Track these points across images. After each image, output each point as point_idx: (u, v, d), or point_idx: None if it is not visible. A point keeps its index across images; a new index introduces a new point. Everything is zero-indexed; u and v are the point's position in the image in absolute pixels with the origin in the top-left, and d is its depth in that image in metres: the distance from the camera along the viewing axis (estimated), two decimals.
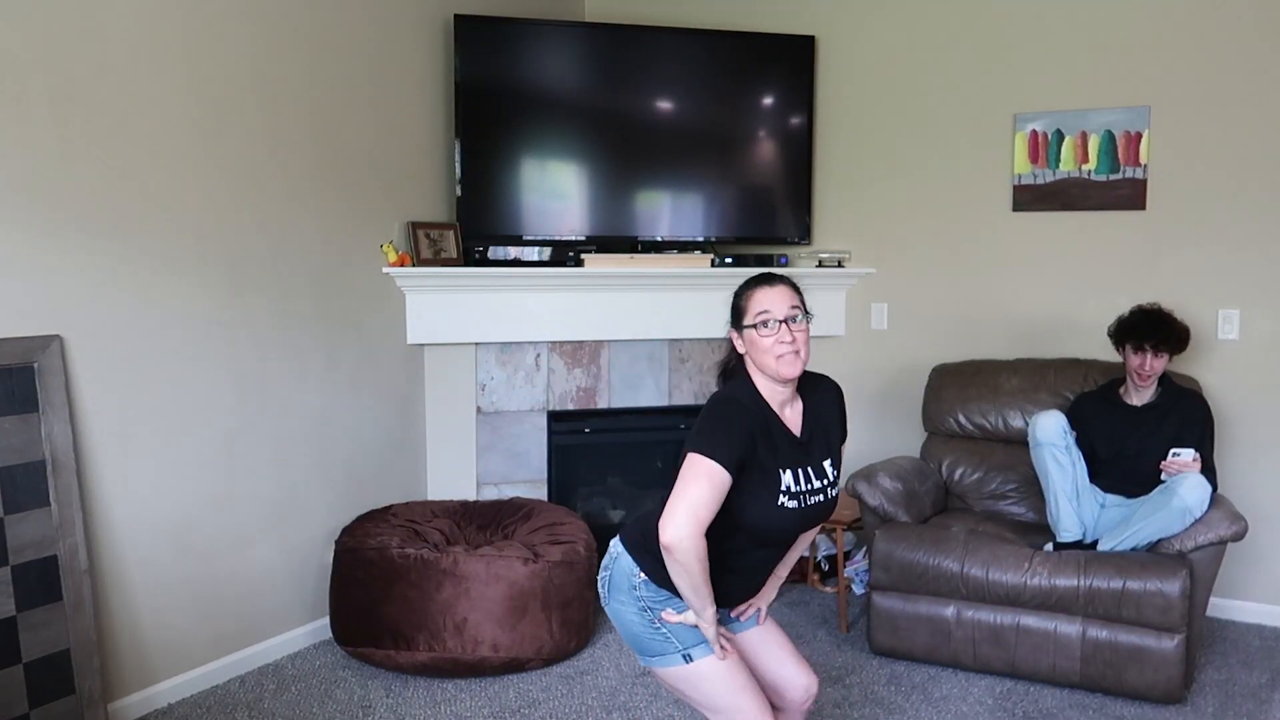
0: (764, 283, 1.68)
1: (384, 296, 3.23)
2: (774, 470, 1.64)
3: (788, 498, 1.64)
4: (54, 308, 2.34)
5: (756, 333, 1.65)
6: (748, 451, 1.60)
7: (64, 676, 2.32)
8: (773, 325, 1.63)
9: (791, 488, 1.65)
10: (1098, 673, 2.65)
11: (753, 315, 1.66)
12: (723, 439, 1.59)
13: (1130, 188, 3.35)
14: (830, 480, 1.71)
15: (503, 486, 3.49)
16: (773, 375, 1.66)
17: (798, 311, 1.65)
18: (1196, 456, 2.74)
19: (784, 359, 1.63)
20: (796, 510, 1.65)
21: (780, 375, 1.65)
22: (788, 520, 1.66)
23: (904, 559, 2.82)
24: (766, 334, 1.64)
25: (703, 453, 1.57)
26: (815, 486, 1.68)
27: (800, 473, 1.67)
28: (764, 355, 1.64)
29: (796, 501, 1.65)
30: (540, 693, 2.71)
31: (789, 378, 1.65)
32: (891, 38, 3.69)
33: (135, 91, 2.47)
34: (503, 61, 3.42)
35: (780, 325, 1.63)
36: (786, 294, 1.66)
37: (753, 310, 1.66)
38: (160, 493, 2.59)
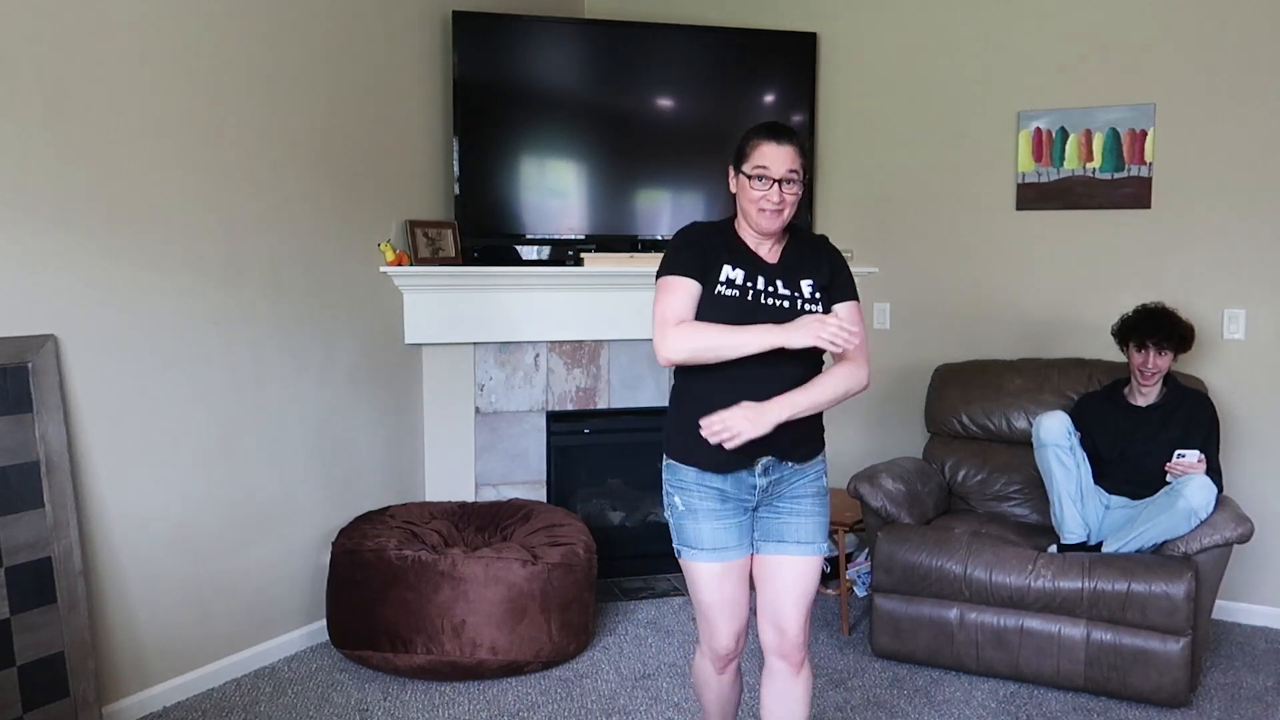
0: (771, 137, 1.71)
1: (381, 296, 3.22)
2: (718, 266, 1.73)
3: (726, 287, 1.70)
4: (48, 307, 2.32)
5: (749, 182, 1.71)
6: (697, 254, 1.72)
7: (58, 679, 2.31)
8: (766, 181, 1.69)
9: (735, 280, 1.72)
10: (1102, 676, 2.64)
11: (751, 165, 1.71)
12: (671, 255, 1.75)
13: (1135, 186, 3.33)
14: (806, 296, 1.73)
15: (501, 488, 3.48)
16: (752, 225, 1.74)
17: (794, 176, 1.70)
18: (1201, 458, 2.72)
19: (765, 214, 1.71)
20: (736, 300, 1.69)
21: (758, 227, 1.73)
22: (729, 309, 1.69)
23: (906, 561, 2.81)
24: (758, 188, 1.70)
25: (659, 274, 1.74)
26: (779, 292, 1.72)
27: (757, 277, 1.72)
28: (749, 205, 1.72)
29: (737, 292, 1.70)
30: (539, 696, 2.69)
31: (767, 231, 1.73)
32: (894, 34, 3.67)
33: (130, 89, 2.45)
34: (502, 59, 3.41)
35: (773, 184, 1.69)
36: (789, 155, 1.70)
37: (753, 160, 1.71)
38: (156, 494, 2.57)
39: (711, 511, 1.76)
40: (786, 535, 1.78)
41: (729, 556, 1.78)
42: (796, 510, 1.78)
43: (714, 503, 1.76)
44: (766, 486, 1.77)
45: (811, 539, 1.79)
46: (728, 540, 1.77)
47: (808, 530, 1.79)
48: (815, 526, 1.80)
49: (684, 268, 1.72)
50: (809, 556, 1.80)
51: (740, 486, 1.76)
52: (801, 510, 1.78)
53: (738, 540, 1.78)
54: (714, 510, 1.76)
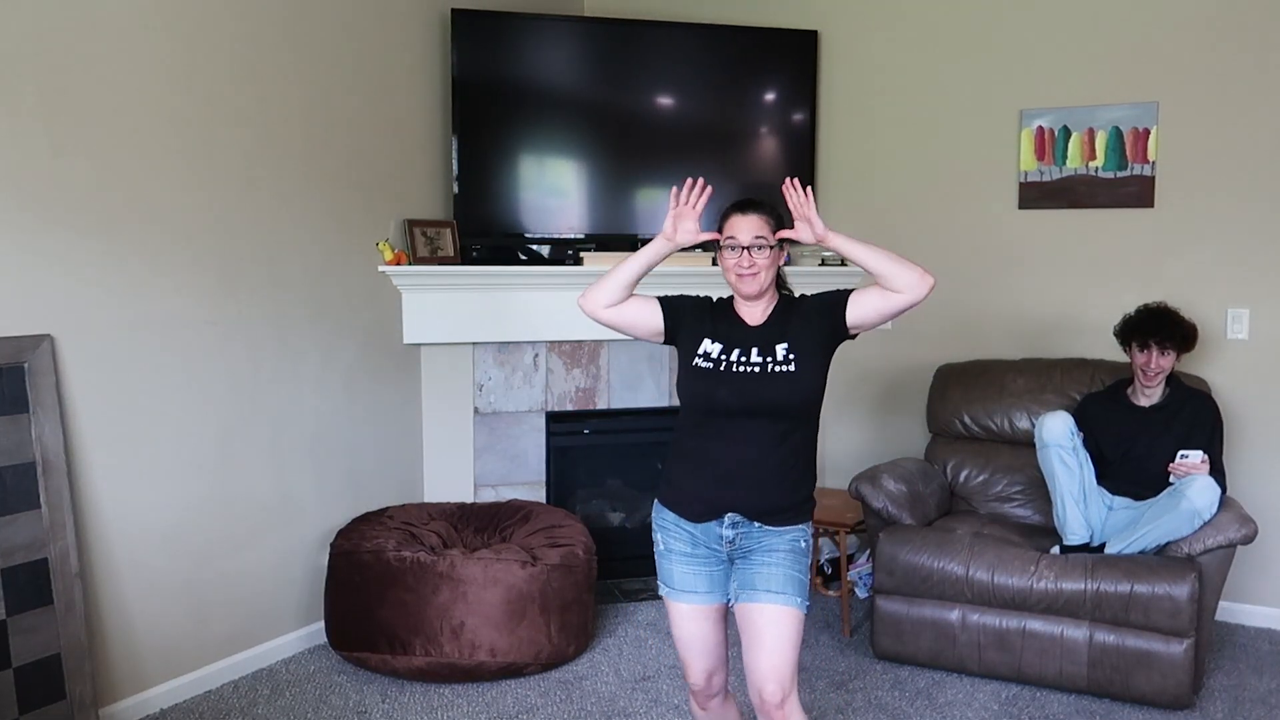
0: (738, 210, 1.88)
1: (380, 295, 3.21)
2: (699, 337, 1.89)
3: (703, 359, 1.86)
4: (44, 307, 2.31)
5: (722, 253, 1.88)
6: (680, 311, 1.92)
7: (55, 681, 2.30)
8: (736, 250, 1.85)
9: (711, 353, 1.86)
10: (1105, 678, 2.63)
11: (724, 236, 1.88)
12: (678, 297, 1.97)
13: (1138, 185, 3.31)
14: (778, 359, 1.83)
15: (500, 488, 3.46)
16: (734, 290, 1.91)
17: (762, 241, 1.84)
18: (1205, 458, 2.71)
19: (742, 279, 1.86)
20: (710, 370, 1.84)
21: (739, 291, 1.89)
22: (703, 378, 1.84)
23: (908, 562, 2.80)
24: (730, 256, 1.86)
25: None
26: (752, 360, 1.83)
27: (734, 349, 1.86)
28: (728, 273, 1.89)
29: (712, 364, 1.84)
30: (538, 698, 2.68)
31: (746, 295, 1.88)
32: (895, 32, 3.66)
33: (126, 88, 2.44)
34: (500, 57, 3.40)
35: (742, 251, 1.84)
36: (755, 223, 1.85)
37: (725, 231, 1.88)
38: (153, 494, 2.56)
39: (683, 555, 1.88)
40: (758, 584, 1.82)
41: (696, 600, 1.88)
42: (768, 561, 1.82)
43: (685, 546, 1.88)
44: (734, 539, 1.84)
45: (782, 588, 1.80)
46: (696, 585, 1.87)
47: (778, 579, 1.81)
48: (785, 577, 1.81)
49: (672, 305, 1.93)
50: (779, 606, 1.79)
51: (709, 535, 1.86)
52: (773, 561, 1.82)
53: (708, 587, 1.88)
54: (685, 554, 1.88)
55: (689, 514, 1.86)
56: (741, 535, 1.84)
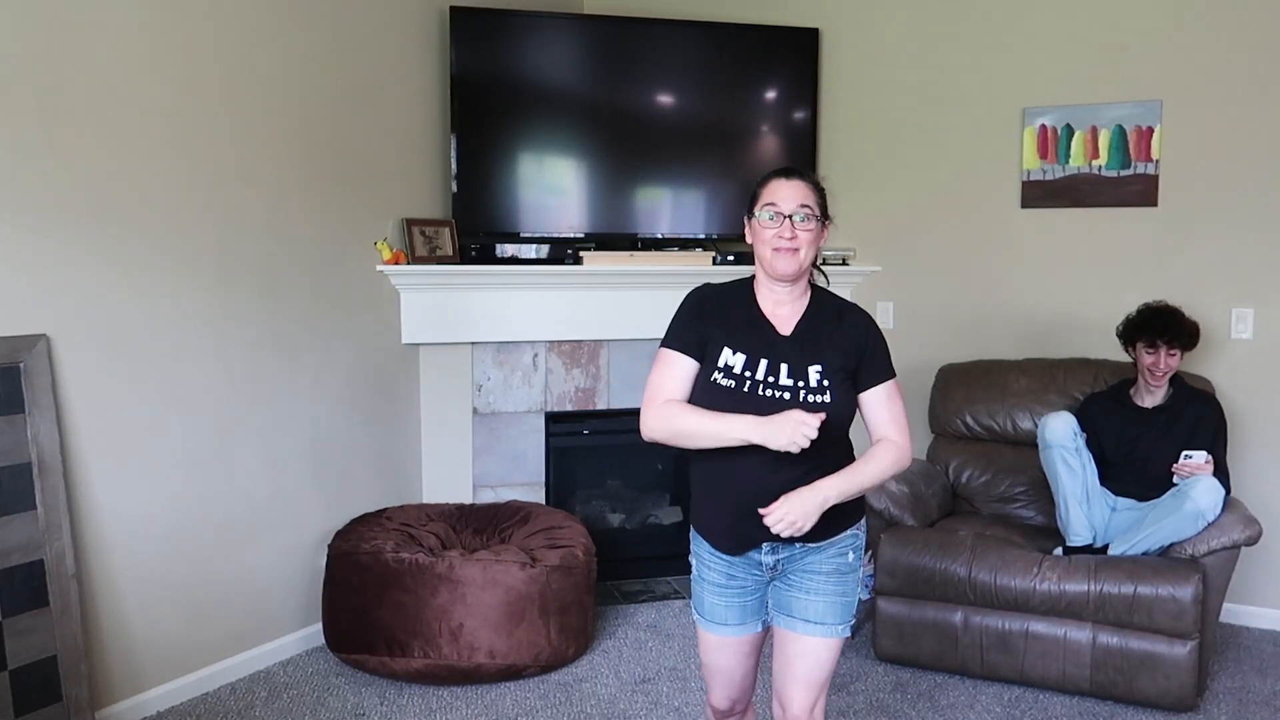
0: (782, 174, 1.65)
1: (378, 295, 3.19)
2: (717, 348, 1.64)
3: (723, 375, 1.61)
4: (41, 306, 2.30)
5: (759, 222, 1.63)
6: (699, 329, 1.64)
7: (51, 684, 2.29)
8: (776, 218, 1.61)
9: (733, 369, 1.62)
10: (1108, 680, 2.62)
11: (761, 203, 1.64)
12: (674, 325, 1.68)
13: (1141, 184, 3.30)
14: (811, 384, 1.60)
15: (500, 489, 3.45)
16: (767, 268, 1.63)
17: (807, 210, 1.61)
18: (1209, 459, 2.70)
19: (780, 254, 1.61)
20: (732, 392, 1.60)
21: (774, 270, 1.62)
22: (724, 401, 1.60)
23: (910, 563, 2.79)
24: (768, 225, 1.62)
25: (661, 342, 1.68)
26: (780, 383, 1.60)
27: (760, 361, 1.62)
28: (762, 246, 1.63)
29: (734, 383, 1.60)
30: (538, 700, 2.67)
31: (781, 274, 1.62)
32: (897, 30, 3.64)
33: (124, 86, 2.43)
34: (499, 55, 3.38)
35: (784, 220, 1.61)
36: (801, 190, 1.63)
37: (762, 199, 1.65)
38: (149, 495, 2.55)
39: (716, 586, 1.74)
40: (795, 611, 1.69)
41: (727, 633, 1.75)
42: (807, 586, 1.69)
43: (720, 577, 1.73)
44: (775, 564, 1.70)
45: (820, 619, 1.67)
46: (727, 617, 1.74)
47: (816, 609, 1.67)
48: (826, 606, 1.67)
49: (683, 343, 1.66)
50: (815, 637, 1.67)
51: (749, 564, 1.71)
52: (812, 587, 1.68)
53: (739, 619, 1.74)
54: (718, 585, 1.74)
55: (724, 547, 1.70)
56: (784, 560, 1.69)
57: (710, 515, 1.71)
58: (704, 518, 1.73)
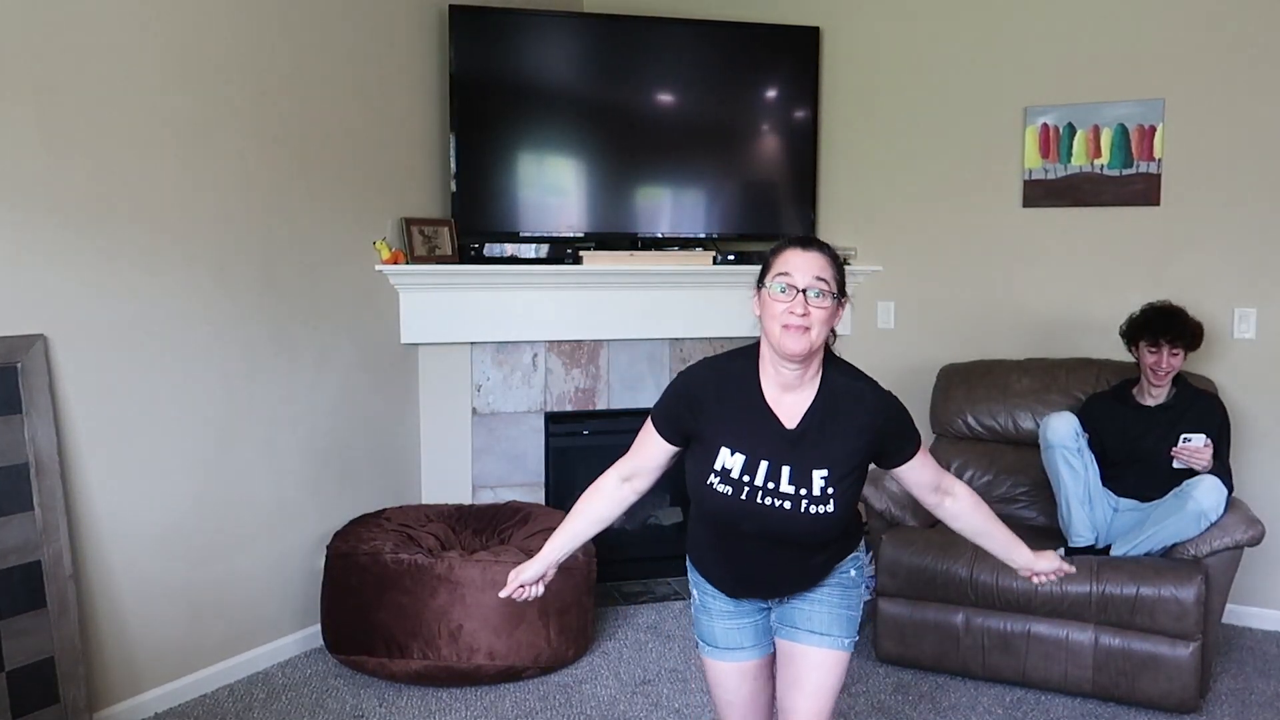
0: (798, 244, 1.52)
1: (377, 295, 3.18)
2: (713, 446, 1.53)
3: (720, 480, 1.52)
4: (38, 307, 2.29)
5: (769, 293, 1.50)
6: (688, 422, 1.55)
7: (48, 685, 2.28)
8: (788, 290, 1.47)
9: (731, 472, 1.52)
10: (1110, 681, 2.61)
11: (773, 274, 1.51)
12: (664, 403, 1.61)
13: (1144, 183, 3.29)
14: (814, 493, 1.50)
15: (499, 490, 3.44)
16: (775, 346, 1.50)
17: (823, 285, 1.48)
18: (1208, 442, 2.69)
19: (789, 332, 1.46)
20: (729, 499, 1.51)
21: (781, 349, 1.48)
22: (721, 506, 1.53)
23: (911, 564, 2.78)
24: (779, 299, 1.48)
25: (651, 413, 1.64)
26: (781, 490, 1.50)
27: (760, 464, 1.51)
28: (771, 321, 1.50)
29: (732, 489, 1.51)
30: (537, 702, 2.66)
31: (790, 354, 1.48)
32: (898, 28, 3.63)
33: (122, 85, 2.42)
34: (499, 53, 3.37)
35: (797, 294, 1.47)
36: (816, 262, 1.49)
37: (775, 268, 1.51)
38: (147, 496, 2.54)
39: (724, 612, 1.68)
40: (799, 622, 1.65)
41: (744, 657, 1.68)
42: (810, 598, 1.65)
43: (727, 605, 1.68)
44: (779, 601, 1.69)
45: (825, 630, 1.62)
46: (742, 640, 1.68)
47: (821, 620, 1.62)
48: (832, 617, 1.63)
49: (667, 428, 1.60)
50: (822, 649, 1.62)
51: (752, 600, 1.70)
52: (816, 598, 1.64)
53: (754, 640, 1.68)
54: (727, 611, 1.68)
55: (725, 591, 1.67)
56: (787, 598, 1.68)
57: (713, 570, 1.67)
58: (705, 567, 1.68)
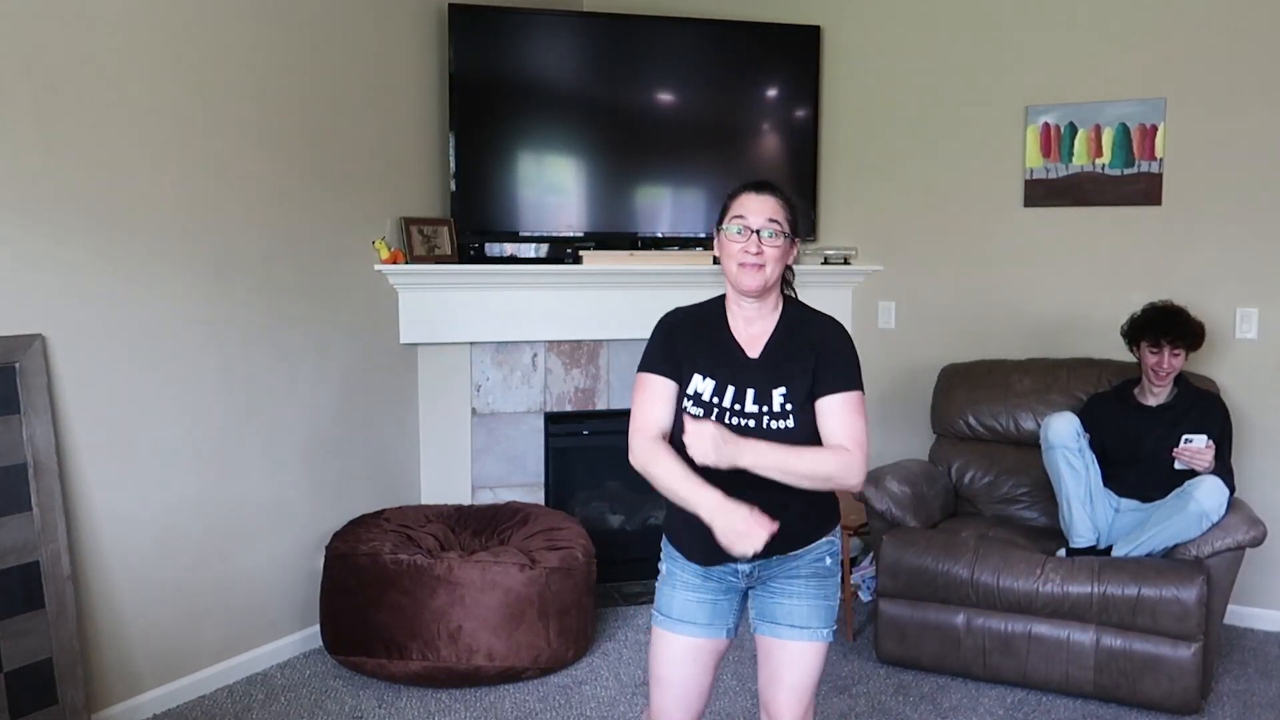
0: (752, 188, 1.65)
1: (376, 294, 3.17)
2: (688, 374, 1.64)
3: (693, 404, 1.62)
4: (36, 306, 2.28)
5: (726, 235, 1.63)
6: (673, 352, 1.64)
7: (46, 686, 2.27)
8: (744, 232, 1.61)
9: (702, 395, 1.62)
10: (1112, 682, 2.60)
11: (728, 217, 1.64)
12: (650, 348, 1.68)
13: (1145, 182, 3.28)
14: (775, 409, 1.59)
15: (498, 490, 3.43)
16: (733, 283, 1.64)
17: (775, 226, 1.61)
18: (1210, 443, 2.69)
19: (745, 270, 1.60)
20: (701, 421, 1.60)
21: (738, 285, 1.62)
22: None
23: (912, 565, 2.77)
24: (735, 239, 1.61)
25: (639, 366, 1.67)
26: (746, 410, 1.60)
27: (727, 387, 1.62)
28: (729, 260, 1.63)
29: (703, 411, 1.60)
30: (537, 703, 2.65)
31: (746, 289, 1.62)
32: (899, 27, 3.62)
33: (120, 82, 2.41)
34: (498, 52, 3.36)
35: (751, 234, 1.60)
36: (770, 205, 1.62)
37: (731, 211, 1.64)
38: (146, 497, 2.53)
39: (688, 583, 1.71)
40: (778, 617, 1.68)
41: (694, 633, 1.69)
42: (789, 591, 1.67)
43: (694, 577, 1.71)
44: (751, 571, 1.68)
45: (805, 623, 1.66)
46: (697, 615, 1.69)
47: (800, 614, 1.66)
48: (810, 610, 1.66)
49: (660, 367, 1.65)
50: (800, 642, 1.66)
51: (725, 570, 1.69)
52: (794, 591, 1.67)
53: (708, 619, 1.69)
54: (691, 583, 1.71)
55: (696, 559, 1.69)
56: (759, 567, 1.67)
57: (685, 531, 1.67)
58: (677, 529, 1.71)
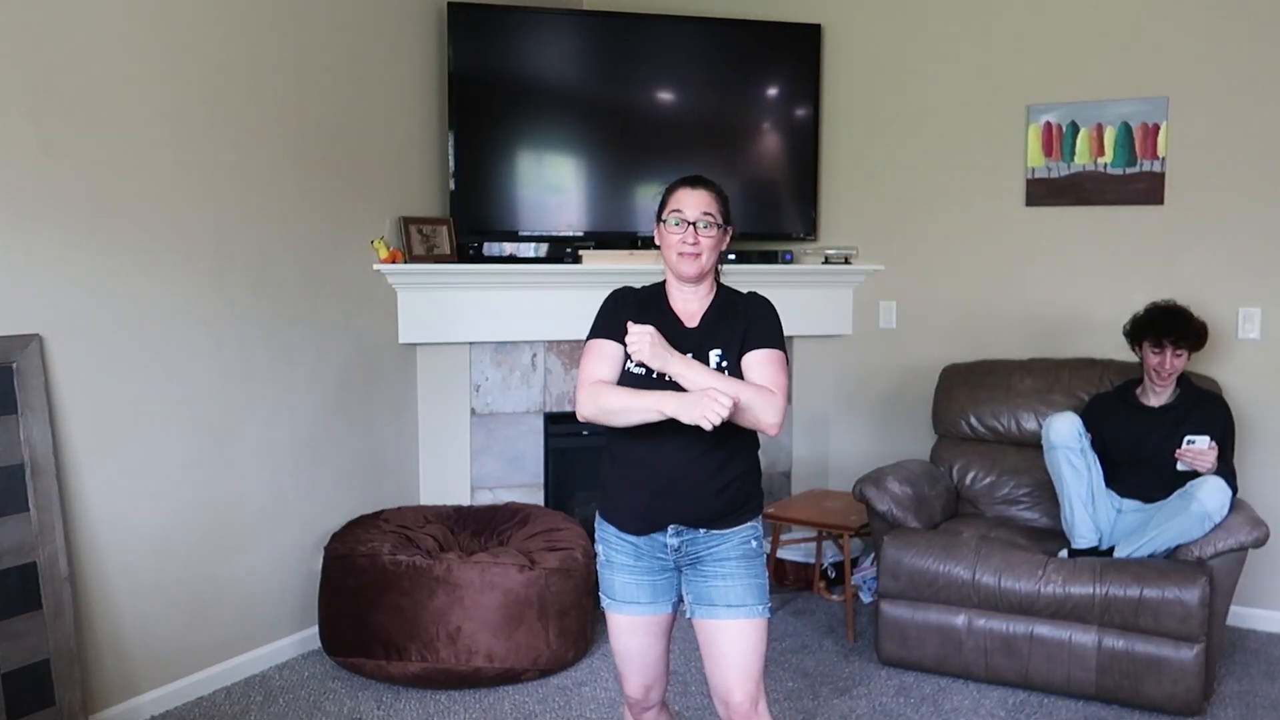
0: (687, 183, 1.79)
1: (375, 294, 3.17)
2: None
3: (635, 364, 1.74)
4: (33, 306, 2.28)
5: (666, 228, 1.78)
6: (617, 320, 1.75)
7: (44, 688, 2.27)
8: (680, 225, 1.75)
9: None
10: (1114, 684, 2.60)
11: (667, 210, 1.78)
12: (598, 319, 1.82)
13: (1147, 181, 3.27)
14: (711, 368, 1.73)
15: (498, 491, 3.42)
16: (673, 270, 1.79)
17: (709, 219, 1.75)
18: (1212, 444, 2.68)
19: (684, 259, 1.75)
20: (641, 378, 1.73)
21: (678, 272, 1.77)
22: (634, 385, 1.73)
23: (913, 566, 2.76)
24: (673, 231, 1.76)
25: (588, 338, 1.81)
26: None
27: None
28: (668, 250, 1.78)
29: (643, 370, 1.73)
30: (536, 705, 2.64)
31: (685, 275, 1.77)
32: (900, 26, 3.61)
33: (117, 82, 2.41)
34: (498, 51, 3.36)
35: (688, 226, 1.74)
36: (704, 199, 1.77)
37: (670, 205, 1.78)
38: (143, 497, 2.53)
39: (625, 566, 1.81)
40: (715, 599, 1.77)
41: (639, 611, 1.82)
42: (721, 573, 1.77)
43: (628, 558, 1.81)
44: (679, 547, 1.78)
45: (741, 601, 1.76)
46: (639, 595, 1.81)
47: (736, 593, 1.76)
48: (745, 588, 1.76)
49: (606, 332, 1.79)
50: (741, 620, 1.75)
51: (654, 545, 1.79)
52: (727, 573, 1.77)
53: (650, 597, 1.81)
54: (627, 565, 1.81)
55: (630, 528, 1.79)
56: (687, 543, 1.77)
57: (621, 496, 1.79)
58: (614, 499, 1.82)
